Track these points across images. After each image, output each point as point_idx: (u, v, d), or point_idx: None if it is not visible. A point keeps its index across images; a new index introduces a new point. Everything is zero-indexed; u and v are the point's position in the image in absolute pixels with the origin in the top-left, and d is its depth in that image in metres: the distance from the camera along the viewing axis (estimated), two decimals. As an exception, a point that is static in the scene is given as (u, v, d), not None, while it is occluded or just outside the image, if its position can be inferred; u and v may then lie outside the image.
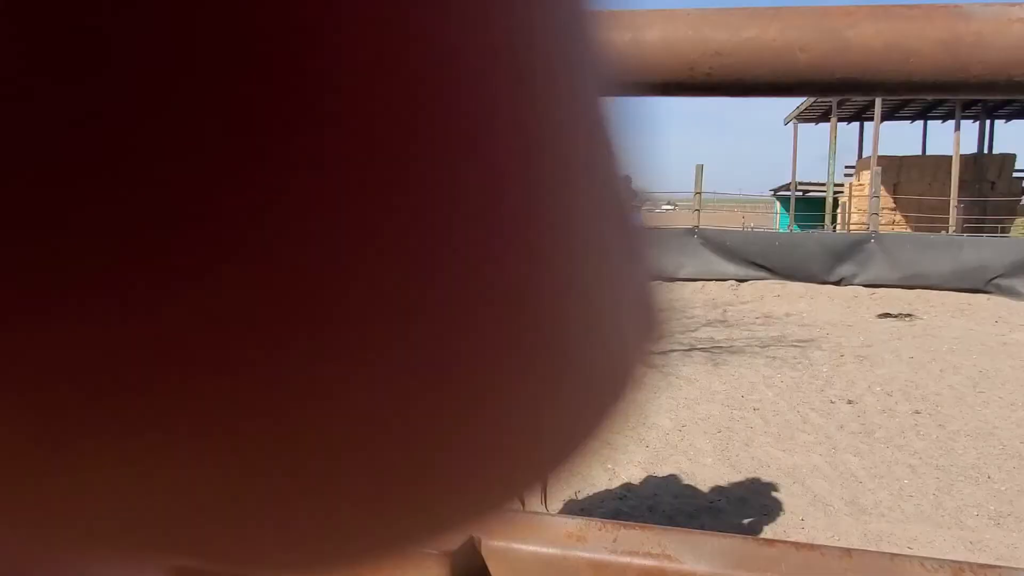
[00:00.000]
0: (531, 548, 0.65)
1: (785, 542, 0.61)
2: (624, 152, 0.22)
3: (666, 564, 0.62)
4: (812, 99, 28.36)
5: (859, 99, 27.35)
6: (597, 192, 0.20)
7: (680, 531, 0.64)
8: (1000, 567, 0.56)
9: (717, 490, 5.76)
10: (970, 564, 0.57)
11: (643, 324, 0.25)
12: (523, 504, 2.91)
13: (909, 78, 0.50)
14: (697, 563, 0.61)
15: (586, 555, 0.64)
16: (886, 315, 14.06)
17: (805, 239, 18.41)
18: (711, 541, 0.63)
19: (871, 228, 18.28)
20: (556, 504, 5.40)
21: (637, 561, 0.62)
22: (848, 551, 0.59)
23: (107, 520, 0.16)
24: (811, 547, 0.61)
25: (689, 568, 0.61)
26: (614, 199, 0.22)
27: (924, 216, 25.28)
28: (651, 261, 0.26)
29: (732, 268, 17.30)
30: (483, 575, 0.65)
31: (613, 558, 0.63)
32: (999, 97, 0.54)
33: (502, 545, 0.66)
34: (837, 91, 0.53)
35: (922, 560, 0.56)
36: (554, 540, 0.66)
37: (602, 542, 0.65)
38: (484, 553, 0.66)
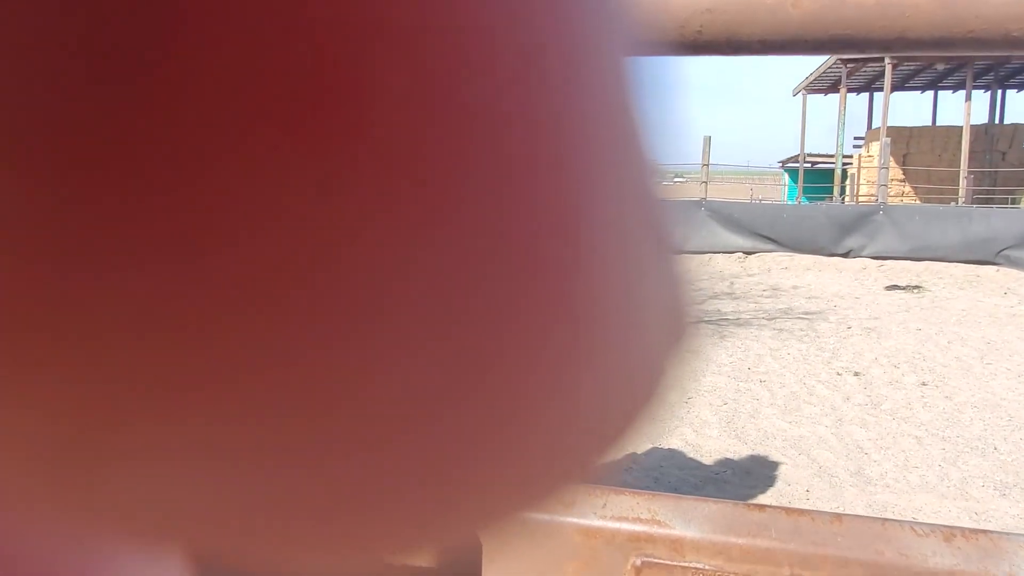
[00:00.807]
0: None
1: (775, 507, 0.61)
2: (651, 135, 0.21)
3: (655, 529, 0.61)
4: (822, 69, 28.10)
5: (869, 69, 27.09)
6: (631, 188, 0.20)
7: (670, 496, 0.63)
8: (990, 532, 0.55)
9: (722, 462, 5.77)
10: (961, 529, 0.56)
11: (674, 325, 0.25)
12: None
13: (904, 34, 0.48)
14: (686, 528, 0.61)
15: (575, 520, 0.64)
16: (894, 287, 14.01)
17: (813, 211, 18.32)
18: (700, 506, 0.62)
19: (880, 200, 18.17)
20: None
21: (626, 526, 0.62)
22: (839, 516, 0.59)
23: (152, 510, 0.16)
24: (801, 512, 0.61)
25: (678, 533, 0.60)
26: (647, 196, 0.21)
27: (933, 187, 25.10)
28: (680, 261, 0.25)
29: (739, 240, 17.24)
30: (472, 541, 0.64)
31: (602, 523, 0.63)
32: (996, 53, 0.53)
33: None
34: (830, 49, 0.52)
35: (913, 524, 0.56)
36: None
37: (591, 507, 0.64)
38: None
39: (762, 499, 5.14)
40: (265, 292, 0.13)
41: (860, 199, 25.50)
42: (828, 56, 27.38)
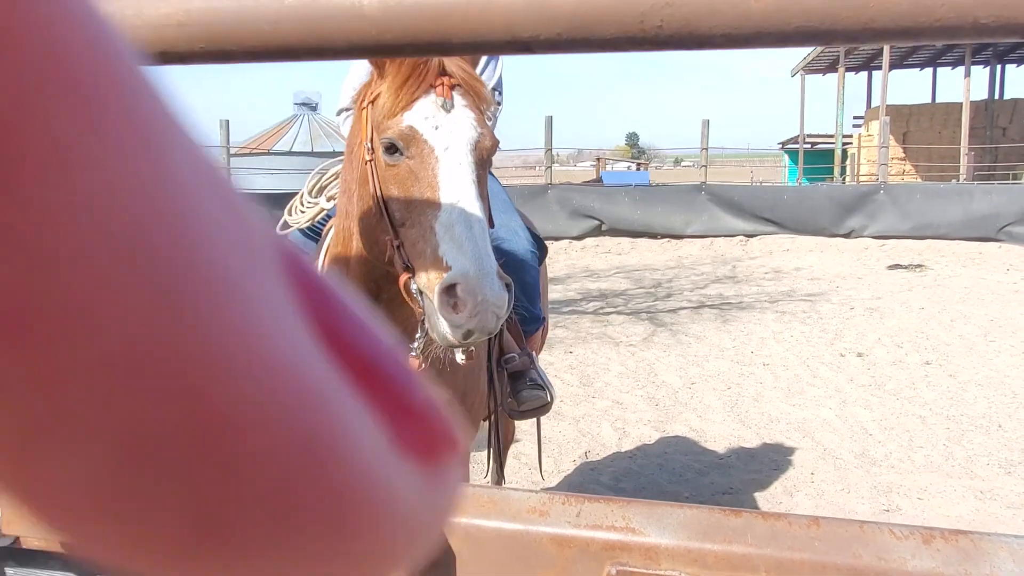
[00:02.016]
0: (493, 524, 0.64)
1: (751, 512, 0.59)
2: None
3: (630, 537, 0.60)
4: (819, 49, 27.95)
5: (867, 47, 26.93)
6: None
7: (644, 503, 0.62)
8: (970, 532, 0.54)
9: (727, 446, 5.77)
10: (940, 530, 0.55)
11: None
12: (501, 475, 2.85)
13: (869, 24, 0.47)
14: (661, 535, 0.60)
15: (549, 530, 0.63)
16: (896, 266, 13.97)
17: (814, 192, 18.27)
18: (676, 512, 0.61)
19: (880, 179, 18.10)
20: (568, 466, 5.44)
21: (600, 535, 0.61)
22: (816, 519, 0.58)
23: None
24: (777, 516, 0.59)
25: (653, 540, 0.59)
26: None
27: (934, 165, 25.00)
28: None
29: (741, 223, 17.20)
30: (445, 552, 0.64)
31: (576, 532, 0.62)
32: (965, 41, 0.51)
33: (464, 521, 0.64)
34: (795, 41, 0.50)
35: (891, 527, 0.54)
36: (516, 515, 0.64)
37: (565, 516, 0.63)
38: (446, 530, 0.65)
39: (767, 483, 5.13)
40: None
41: (861, 179, 25.42)
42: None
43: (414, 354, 2.17)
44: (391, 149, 1.98)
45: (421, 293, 1.91)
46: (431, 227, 1.88)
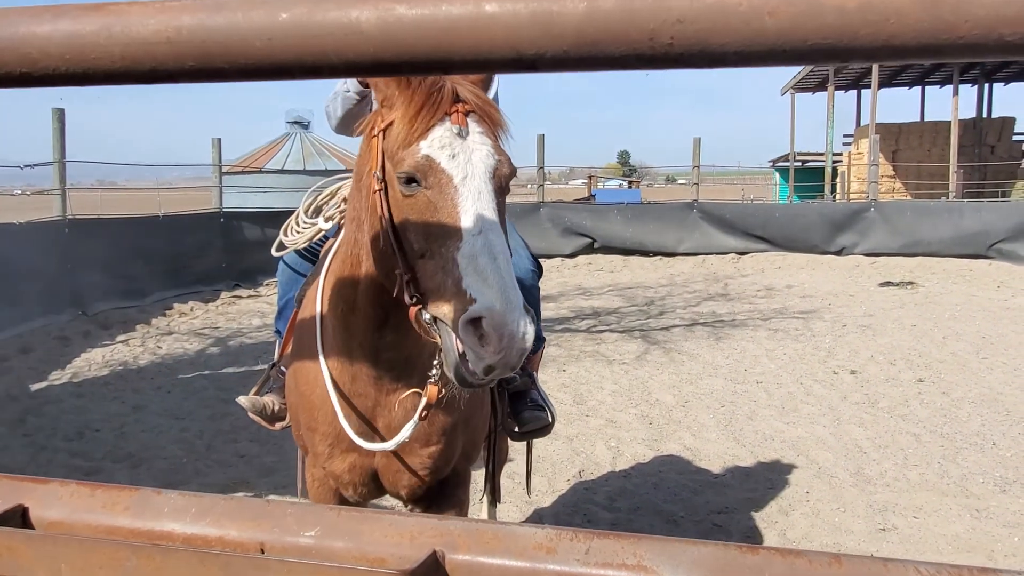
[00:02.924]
0: (498, 562, 0.61)
1: (769, 549, 0.57)
2: None
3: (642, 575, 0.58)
4: (808, 68, 28.15)
5: (856, 66, 27.15)
6: None
7: (656, 539, 0.60)
8: (1000, 571, 0.52)
9: (722, 465, 5.74)
10: (968, 568, 0.53)
11: None
12: (497, 495, 2.82)
13: (889, 41, 0.45)
14: (675, 573, 0.57)
15: (556, 568, 0.60)
16: (887, 284, 14.01)
17: (805, 209, 18.34)
18: (690, 550, 0.59)
19: (870, 196, 18.19)
20: (562, 485, 5.39)
21: (611, 573, 0.58)
22: (838, 557, 0.55)
23: None
24: (797, 553, 0.57)
25: None
26: None
27: (924, 183, 25.14)
28: None
29: (732, 241, 17.26)
30: None
31: (585, 570, 0.59)
32: (989, 59, 0.50)
33: (467, 559, 0.62)
34: (811, 59, 0.49)
35: (917, 565, 0.52)
36: (522, 552, 0.61)
37: (573, 553, 0.61)
38: (448, 568, 0.62)
39: (763, 501, 5.10)
40: None
41: (851, 196, 25.53)
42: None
43: (432, 382, 2.14)
44: (409, 180, 1.93)
45: (435, 321, 1.86)
46: (452, 258, 1.82)
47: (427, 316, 1.87)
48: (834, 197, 26.35)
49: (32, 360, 8.69)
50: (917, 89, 32.44)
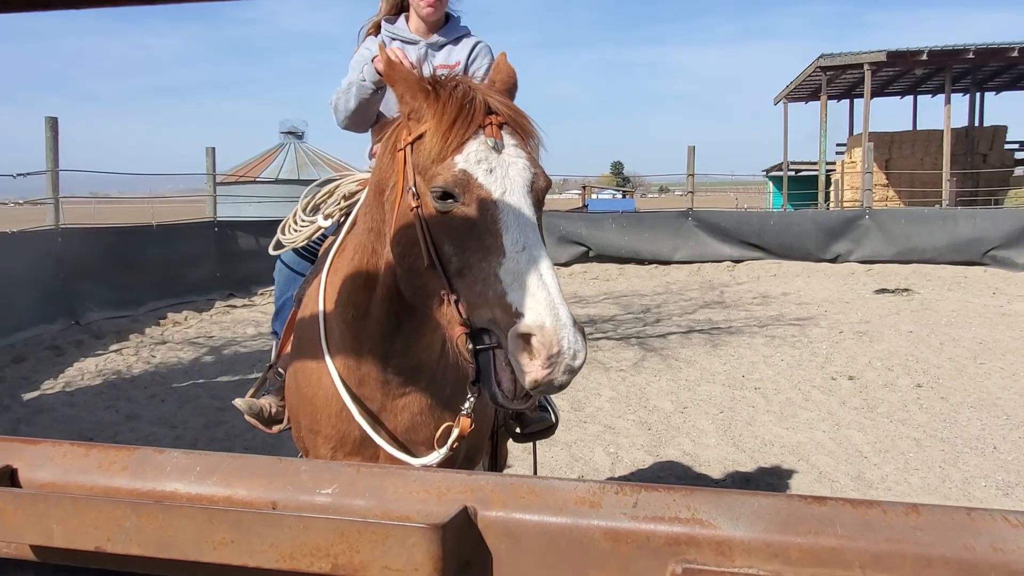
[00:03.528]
0: (536, 518, 0.56)
1: (837, 499, 0.51)
2: None
3: (698, 530, 0.52)
4: (802, 78, 28.26)
5: (849, 76, 27.27)
6: None
7: (711, 491, 0.54)
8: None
9: (722, 470, 5.68)
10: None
11: None
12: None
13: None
14: (735, 527, 0.51)
15: (602, 523, 0.54)
16: (883, 290, 13.99)
17: (800, 218, 18.34)
18: (749, 501, 0.53)
19: (864, 204, 18.22)
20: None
21: (663, 528, 0.52)
22: (915, 507, 0.50)
23: None
24: (869, 503, 0.52)
25: (725, 533, 0.51)
26: None
27: (917, 190, 25.21)
28: None
29: (727, 249, 17.23)
30: (479, 551, 0.55)
31: (634, 525, 0.54)
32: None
33: (502, 516, 0.56)
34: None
35: (1005, 514, 0.48)
36: (563, 507, 0.56)
37: (620, 507, 0.55)
38: (481, 526, 0.56)
39: (763, 507, 5.05)
40: None
41: (845, 204, 25.58)
42: (808, 65, 27.51)
43: (465, 414, 2.08)
44: (443, 196, 1.86)
45: (478, 353, 1.79)
46: (495, 275, 1.77)
47: (470, 345, 1.79)
48: (827, 205, 26.40)
49: (24, 369, 8.60)
50: (909, 98, 32.58)
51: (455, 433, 2.10)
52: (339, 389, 2.31)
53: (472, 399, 1.98)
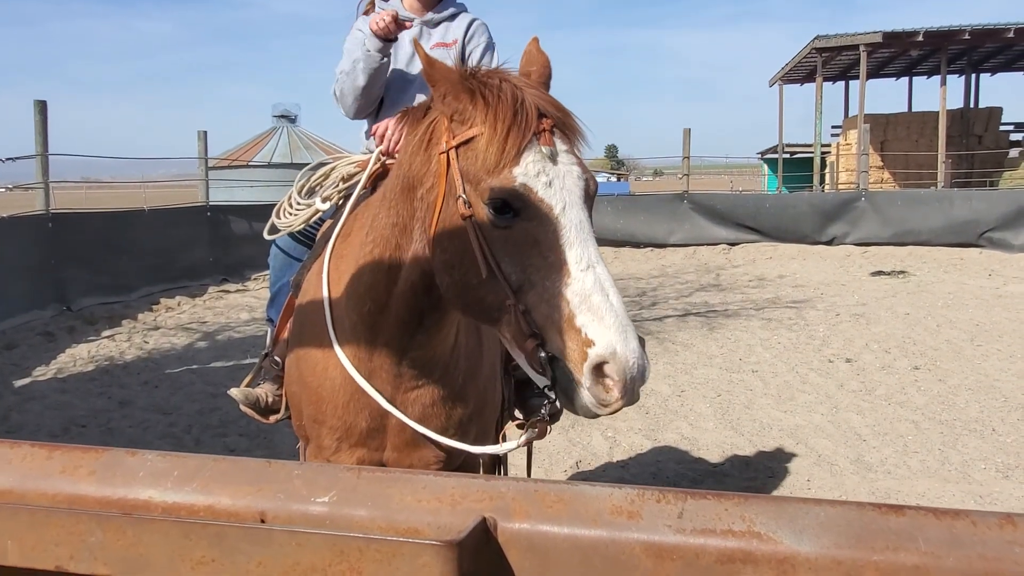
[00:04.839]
0: (565, 531, 0.48)
1: (917, 508, 0.45)
2: None
3: (755, 545, 0.45)
4: (797, 59, 28.12)
5: (844, 57, 27.14)
6: None
7: (769, 499, 0.47)
8: None
9: (720, 454, 5.64)
10: None
11: None
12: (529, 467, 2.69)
13: None
14: (799, 541, 0.44)
15: (642, 537, 0.47)
16: (879, 273, 13.96)
17: (795, 200, 18.28)
18: (813, 511, 0.46)
19: (860, 186, 18.16)
20: (559, 476, 5.28)
21: (714, 542, 0.45)
22: (1010, 517, 0.44)
23: None
24: (956, 513, 0.45)
25: (788, 548, 0.44)
26: None
27: (912, 172, 25.16)
28: None
29: (723, 232, 17.17)
30: (500, 570, 0.48)
31: (680, 539, 0.46)
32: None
33: (525, 528, 0.48)
34: None
35: (1119, 524, 0.42)
36: (596, 518, 0.48)
37: (663, 518, 0.48)
38: (501, 540, 0.49)
39: (764, 491, 5.00)
40: None
41: (840, 186, 25.53)
42: (803, 46, 27.37)
43: (540, 419, 2.02)
44: (500, 209, 1.80)
45: (553, 361, 1.74)
46: (560, 294, 1.72)
47: (542, 355, 1.74)
48: (823, 188, 26.35)
49: (15, 356, 8.51)
50: (905, 80, 32.46)
51: (525, 436, 2.02)
52: (356, 379, 2.25)
53: (547, 404, 1.92)
